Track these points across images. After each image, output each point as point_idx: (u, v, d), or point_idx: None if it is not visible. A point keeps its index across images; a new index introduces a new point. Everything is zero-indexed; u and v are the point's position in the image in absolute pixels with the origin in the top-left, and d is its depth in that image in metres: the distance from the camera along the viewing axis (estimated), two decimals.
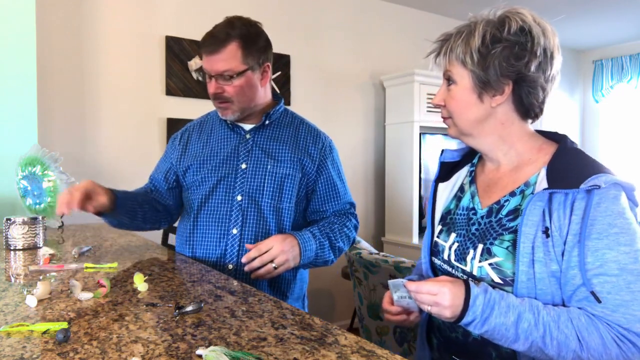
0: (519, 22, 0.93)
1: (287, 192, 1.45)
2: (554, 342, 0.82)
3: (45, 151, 1.98)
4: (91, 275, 1.22)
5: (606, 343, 0.81)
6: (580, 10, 4.20)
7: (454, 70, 0.98)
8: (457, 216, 1.06)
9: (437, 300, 0.86)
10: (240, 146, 1.48)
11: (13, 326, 0.83)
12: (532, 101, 0.96)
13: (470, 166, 1.11)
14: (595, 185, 0.84)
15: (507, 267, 0.90)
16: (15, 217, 1.56)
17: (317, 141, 1.52)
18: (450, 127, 1.04)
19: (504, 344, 0.86)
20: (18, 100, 2.16)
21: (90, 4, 2.72)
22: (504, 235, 0.93)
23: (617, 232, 0.83)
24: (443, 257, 1.06)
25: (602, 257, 0.83)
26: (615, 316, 0.82)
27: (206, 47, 1.39)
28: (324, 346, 0.79)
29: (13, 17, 2.14)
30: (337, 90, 3.69)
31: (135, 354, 0.74)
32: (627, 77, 5.12)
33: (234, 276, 1.42)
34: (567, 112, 5.46)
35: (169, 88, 2.96)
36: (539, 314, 0.84)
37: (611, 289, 0.82)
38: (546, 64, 0.94)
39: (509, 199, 0.96)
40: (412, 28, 4.09)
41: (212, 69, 1.39)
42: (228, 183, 1.45)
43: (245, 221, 1.43)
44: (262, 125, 1.49)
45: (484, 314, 0.84)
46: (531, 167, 0.97)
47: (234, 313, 0.94)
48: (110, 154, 2.79)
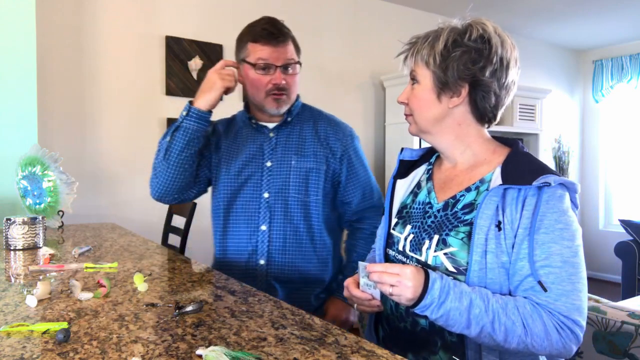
0: (479, 31, 1.00)
1: (312, 186, 1.48)
2: (501, 328, 0.88)
3: (45, 151, 1.98)
4: (91, 275, 1.22)
5: (548, 330, 0.88)
6: (580, 10, 4.20)
7: (419, 70, 1.05)
8: (413, 210, 1.12)
9: (400, 280, 0.90)
10: (264, 145, 1.52)
11: (13, 326, 0.84)
12: (485, 105, 1.02)
13: (427, 165, 1.18)
14: (546, 182, 0.91)
15: (462, 257, 0.96)
16: (15, 217, 1.56)
17: (337, 131, 1.55)
18: (411, 124, 1.11)
19: (456, 330, 0.90)
20: (18, 100, 2.16)
21: (90, 4, 2.72)
22: (460, 227, 0.99)
23: (561, 228, 0.91)
24: (398, 248, 1.11)
25: (548, 249, 0.90)
26: (557, 304, 0.88)
27: (272, 38, 1.42)
28: (324, 346, 0.79)
29: (13, 17, 2.14)
30: (337, 90, 3.69)
31: (135, 354, 0.74)
32: (627, 77, 5.12)
33: (265, 272, 1.46)
34: (567, 112, 5.46)
35: (169, 88, 2.96)
36: (489, 301, 0.89)
37: (555, 280, 0.89)
38: (501, 72, 1.00)
39: (464, 194, 1.03)
40: (412, 28, 4.08)
41: (279, 59, 1.43)
42: (255, 181, 1.49)
43: (273, 217, 1.47)
44: (284, 122, 1.53)
45: (441, 298, 0.89)
46: (486, 166, 1.04)
47: (234, 313, 0.94)
48: (110, 154, 2.79)
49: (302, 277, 1.48)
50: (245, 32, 1.47)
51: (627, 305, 1.40)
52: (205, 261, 1.57)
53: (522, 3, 4.03)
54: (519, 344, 0.88)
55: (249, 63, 1.44)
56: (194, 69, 3.02)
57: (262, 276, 1.47)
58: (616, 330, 1.29)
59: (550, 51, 5.26)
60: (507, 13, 4.21)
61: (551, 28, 4.70)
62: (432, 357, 1.02)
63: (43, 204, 1.96)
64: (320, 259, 1.51)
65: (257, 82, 1.44)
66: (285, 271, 1.47)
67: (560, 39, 5.08)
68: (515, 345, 0.88)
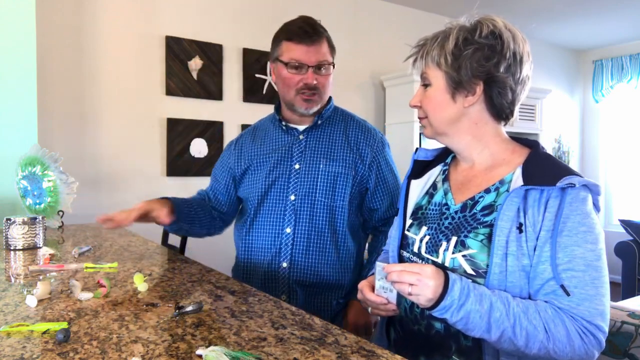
0: (490, 27, 0.98)
1: (339, 190, 1.47)
2: (523, 332, 0.85)
3: (45, 151, 1.98)
4: (91, 275, 1.22)
5: (570, 335, 0.85)
6: (580, 10, 4.20)
7: (430, 72, 1.03)
8: (429, 211, 1.10)
9: (420, 278, 0.87)
10: (293, 147, 1.51)
11: (13, 326, 0.84)
12: (502, 102, 1.00)
13: (443, 165, 1.16)
14: (570, 183, 0.89)
15: (481, 259, 0.94)
16: (15, 217, 1.56)
17: (368, 137, 1.53)
18: (426, 127, 1.09)
19: (476, 334, 0.88)
20: (18, 100, 2.16)
21: (90, 4, 2.72)
22: (479, 229, 0.96)
23: (585, 231, 0.88)
24: (412, 249, 1.09)
25: (571, 253, 0.88)
26: (579, 309, 0.86)
27: (307, 37, 1.42)
28: (324, 346, 0.79)
29: (13, 17, 2.14)
30: (337, 91, 3.69)
31: (135, 354, 0.74)
32: (627, 77, 5.12)
33: (288, 274, 1.45)
34: (567, 112, 5.46)
35: (169, 88, 2.96)
36: (509, 304, 0.87)
37: (577, 284, 0.87)
38: (515, 67, 0.99)
39: (483, 195, 1.00)
40: (412, 28, 4.09)
41: (311, 59, 1.42)
42: (282, 183, 1.48)
43: (298, 220, 1.46)
44: (315, 125, 1.52)
45: (461, 300, 0.86)
46: (505, 167, 1.02)
47: (234, 313, 0.94)
48: (110, 154, 2.79)
49: (323, 281, 1.47)
50: (281, 30, 1.48)
51: (627, 305, 1.40)
52: (206, 261, 1.56)
53: (522, 3, 4.03)
54: (540, 349, 0.85)
55: (282, 62, 1.44)
56: (194, 69, 3.02)
57: (284, 279, 1.46)
58: (616, 330, 1.29)
59: (550, 51, 5.26)
60: (507, 13, 4.21)
61: (551, 28, 4.70)
62: None
63: (43, 204, 1.96)
64: (343, 264, 1.49)
65: (288, 80, 1.44)
66: (308, 275, 1.45)
67: (560, 39, 5.08)
68: (537, 351, 0.86)
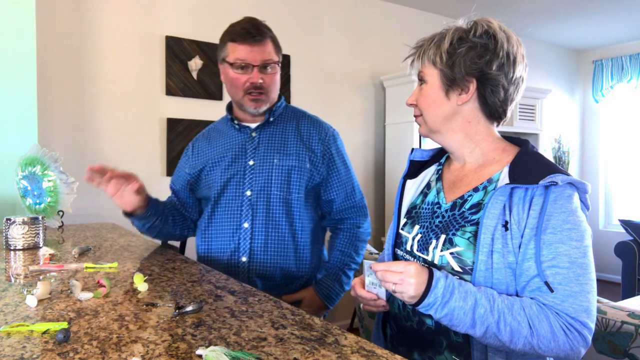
0: (484, 27, 1.01)
1: (294, 184, 1.50)
2: (507, 328, 0.87)
3: (45, 151, 1.98)
4: (91, 275, 1.22)
5: (555, 331, 0.87)
6: (580, 10, 4.20)
7: (426, 71, 1.06)
8: (422, 210, 1.12)
9: (403, 277, 0.90)
10: (247, 144, 1.54)
11: (13, 326, 0.83)
12: (495, 100, 1.02)
13: (437, 165, 1.18)
14: (553, 182, 0.90)
15: (468, 256, 0.96)
16: (15, 217, 1.56)
17: (320, 131, 1.58)
18: (421, 124, 1.11)
19: (461, 329, 0.90)
20: (18, 100, 2.16)
21: (90, 4, 2.72)
22: (466, 227, 0.99)
23: (569, 228, 0.90)
24: (406, 247, 1.12)
25: (555, 250, 0.89)
26: (564, 306, 0.87)
27: (249, 38, 1.44)
28: (324, 346, 0.79)
29: (13, 17, 2.14)
30: (337, 91, 3.69)
31: (135, 354, 0.74)
32: (627, 77, 5.12)
33: (247, 269, 1.49)
34: (567, 112, 5.46)
35: (169, 88, 2.96)
36: (494, 301, 0.88)
37: (562, 280, 0.88)
38: (508, 67, 1.01)
39: (472, 194, 1.03)
40: (412, 28, 4.09)
41: (256, 59, 1.45)
42: (237, 180, 1.51)
43: (255, 215, 1.49)
44: (267, 122, 1.55)
45: (444, 297, 0.88)
46: (495, 166, 1.04)
47: (234, 313, 0.94)
48: (111, 154, 2.79)
49: (282, 273, 1.51)
50: (226, 31, 1.50)
51: (627, 305, 1.40)
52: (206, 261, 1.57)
53: (522, 3, 4.03)
54: (524, 345, 0.87)
55: (228, 62, 1.47)
56: (194, 69, 3.02)
57: (244, 273, 1.49)
58: (616, 330, 1.29)
59: (550, 51, 5.26)
60: (507, 13, 4.21)
61: (551, 28, 4.70)
62: (438, 357, 1.02)
63: (43, 204, 1.96)
64: (301, 257, 1.53)
65: (235, 81, 1.47)
66: (267, 268, 1.49)
67: (560, 39, 5.08)
68: (521, 347, 0.87)
